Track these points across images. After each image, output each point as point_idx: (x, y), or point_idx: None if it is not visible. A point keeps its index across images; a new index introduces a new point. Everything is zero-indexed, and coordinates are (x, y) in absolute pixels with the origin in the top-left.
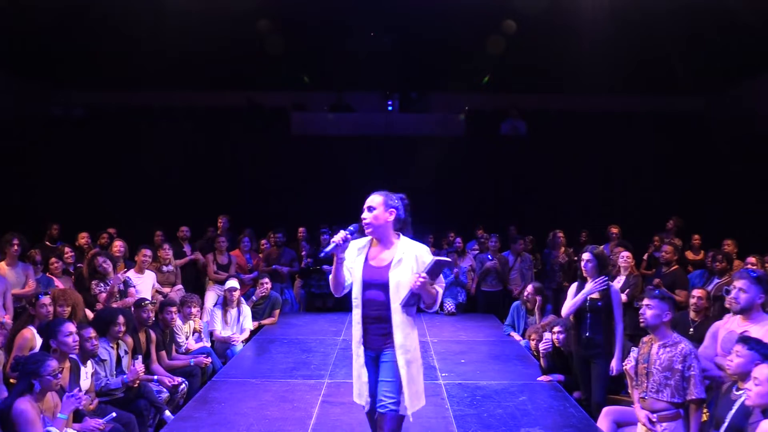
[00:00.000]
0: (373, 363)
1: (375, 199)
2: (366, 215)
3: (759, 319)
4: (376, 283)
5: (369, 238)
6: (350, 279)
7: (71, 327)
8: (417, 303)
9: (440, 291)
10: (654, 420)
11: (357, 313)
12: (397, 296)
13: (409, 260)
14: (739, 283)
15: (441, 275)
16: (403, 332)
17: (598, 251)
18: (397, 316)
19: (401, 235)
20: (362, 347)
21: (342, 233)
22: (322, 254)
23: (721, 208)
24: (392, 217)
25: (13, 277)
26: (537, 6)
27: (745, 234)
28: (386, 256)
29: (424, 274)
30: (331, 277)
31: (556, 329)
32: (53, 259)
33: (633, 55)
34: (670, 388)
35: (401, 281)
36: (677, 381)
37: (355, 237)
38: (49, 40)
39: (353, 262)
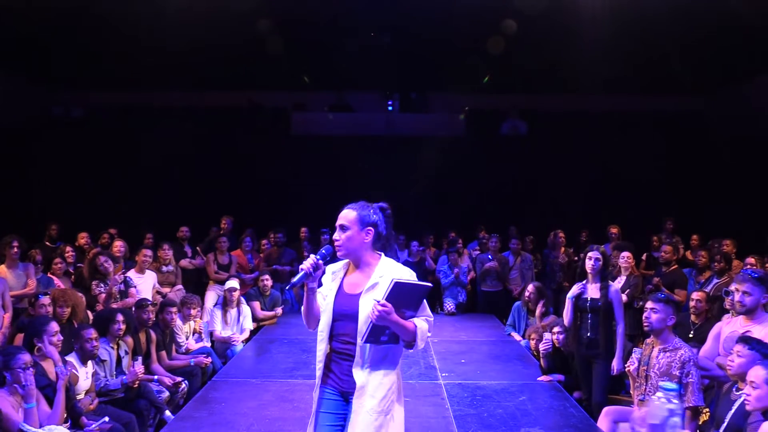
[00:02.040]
0: (337, 407)
1: (348, 216)
2: (338, 236)
3: (762, 319)
4: (346, 314)
5: (345, 261)
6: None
7: (56, 326)
8: (393, 340)
9: (423, 326)
10: None
11: (321, 350)
12: (364, 327)
13: (385, 286)
14: (742, 286)
15: (425, 304)
16: (368, 372)
17: (603, 250)
18: (362, 352)
19: (382, 255)
20: (319, 389)
21: (311, 259)
22: (289, 286)
23: (720, 208)
24: (369, 238)
25: (13, 279)
26: (537, 6)
27: (745, 234)
28: (361, 281)
29: (382, 301)
30: (303, 308)
31: (555, 329)
32: (57, 260)
33: (633, 55)
34: None
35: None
36: None
37: (329, 261)
38: (49, 40)
39: (327, 288)
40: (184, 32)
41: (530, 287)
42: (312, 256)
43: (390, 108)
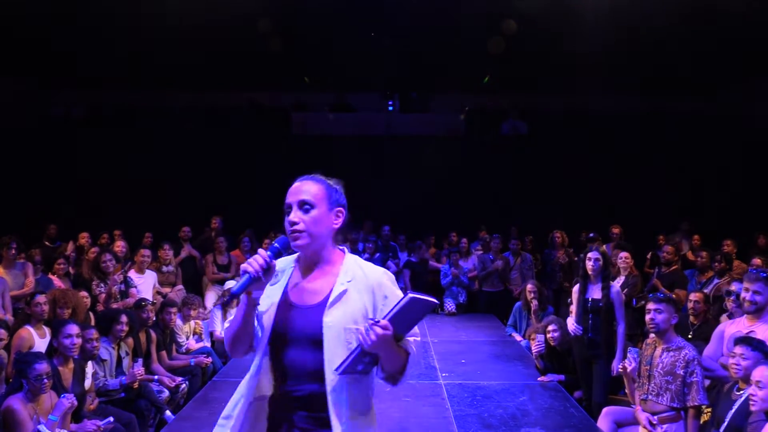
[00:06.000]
0: None
1: (311, 189)
2: (298, 217)
3: (767, 319)
4: (300, 336)
5: (294, 257)
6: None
7: (73, 329)
8: (369, 367)
9: (413, 352)
10: (654, 422)
11: (249, 389)
12: (337, 356)
13: (359, 293)
14: (752, 285)
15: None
16: (349, 417)
17: (603, 250)
18: (337, 392)
19: (346, 250)
20: None
21: (259, 256)
22: (227, 298)
23: (721, 207)
24: (339, 223)
25: (11, 280)
26: (537, 6)
27: (745, 234)
28: (321, 286)
29: (384, 322)
30: (232, 325)
31: (550, 327)
32: (60, 260)
33: (633, 55)
34: (671, 393)
35: (345, 328)
36: (678, 386)
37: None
38: (49, 40)
39: (264, 297)
40: (185, 32)
41: (529, 286)
42: (261, 251)
43: (390, 108)
